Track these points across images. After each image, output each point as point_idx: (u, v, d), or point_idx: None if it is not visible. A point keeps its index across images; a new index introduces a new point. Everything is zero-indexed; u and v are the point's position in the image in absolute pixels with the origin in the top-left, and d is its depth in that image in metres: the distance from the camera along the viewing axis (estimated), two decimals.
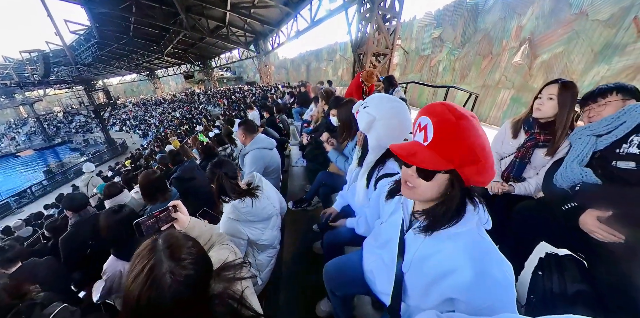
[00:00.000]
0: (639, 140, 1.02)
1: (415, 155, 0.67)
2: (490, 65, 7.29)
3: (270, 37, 16.02)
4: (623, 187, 1.03)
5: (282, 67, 24.17)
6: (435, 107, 0.68)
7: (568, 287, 1.02)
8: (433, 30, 8.82)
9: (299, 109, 6.05)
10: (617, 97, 1.16)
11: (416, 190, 0.72)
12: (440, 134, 0.65)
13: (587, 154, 1.17)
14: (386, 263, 0.91)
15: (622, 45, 4.90)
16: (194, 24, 13.29)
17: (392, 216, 0.90)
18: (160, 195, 1.91)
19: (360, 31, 6.59)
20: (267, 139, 2.53)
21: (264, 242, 1.42)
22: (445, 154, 0.65)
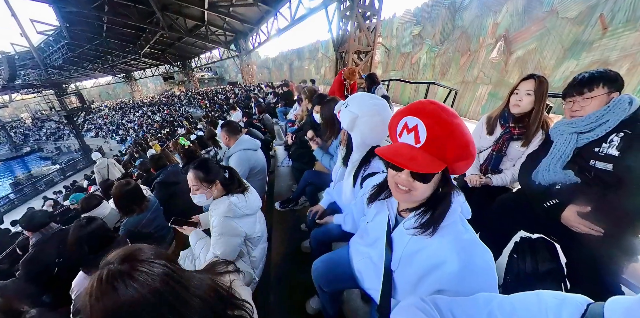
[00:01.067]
0: (618, 141, 1.04)
1: (415, 161, 0.65)
2: (469, 61, 7.49)
3: (251, 36, 15.77)
4: (601, 187, 1.08)
5: (265, 67, 23.89)
6: (426, 107, 0.66)
7: (539, 267, 1.13)
8: (413, 28, 8.96)
9: (283, 108, 5.99)
10: (604, 90, 1.08)
11: (413, 193, 0.70)
12: (435, 134, 0.64)
13: (569, 155, 1.18)
14: (374, 261, 0.92)
15: (589, 42, 5.17)
16: (171, 23, 12.88)
17: (378, 215, 0.91)
18: (137, 207, 1.79)
19: (341, 29, 6.59)
20: (251, 139, 2.48)
21: (257, 234, 1.41)
22: (441, 154, 0.65)
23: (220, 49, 19.41)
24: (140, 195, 1.82)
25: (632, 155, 1.00)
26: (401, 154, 0.67)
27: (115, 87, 39.18)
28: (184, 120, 15.69)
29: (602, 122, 1.08)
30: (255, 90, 13.75)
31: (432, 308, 0.56)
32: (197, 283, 0.65)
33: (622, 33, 4.78)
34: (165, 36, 15.15)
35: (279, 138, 5.16)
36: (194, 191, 1.33)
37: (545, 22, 5.71)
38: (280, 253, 2.00)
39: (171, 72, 29.44)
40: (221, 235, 1.26)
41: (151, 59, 23.23)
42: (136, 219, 1.75)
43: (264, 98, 9.36)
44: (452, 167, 0.68)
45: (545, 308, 0.44)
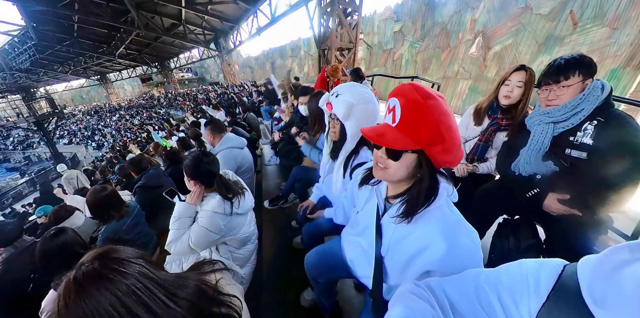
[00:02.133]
0: (592, 129, 1.07)
1: (384, 136, 0.68)
2: (449, 57, 7.66)
3: (231, 35, 15.49)
4: (576, 174, 1.13)
5: (247, 66, 23.54)
6: (404, 88, 0.68)
7: (521, 243, 1.23)
8: (394, 24, 9.06)
9: (268, 107, 5.91)
10: (579, 78, 1.07)
11: (387, 171, 0.73)
12: (407, 114, 0.66)
13: (547, 145, 1.21)
14: (365, 249, 0.93)
15: (561, 37, 5.40)
16: (147, 22, 12.41)
17: (367, 204, 0.92)
18: (115, 213, 1.67)
19: (323, 26, 6.56)
20: (237, 137, 2.40)
21: (243, 234, 1.36)
22: (412, 134, 0.66)
23: (200, 49, 18.94)
24: (118, 200, 1.71)
25: (604, 143, 1.03)
26: (375, 130, 0.71)
27: (89, 90, 37.21)
28: (164, 123, 15.12)
29: (577, 111, 1.10)
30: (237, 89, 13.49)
31: (426, 291, 0.58)
32: (178, 282, 0.62)
33: (590, 29, 5.01)
34: (141, 36, 14.59)
35: (265, 137, 5.08)
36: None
37: (521, 18, 5.91)
38: (271, 252, 1.96)
39: (149, 73, 28.47)
40: (203, 227, 1.23)
41: (127, 60, 22.33)
42: (115, 226, 1.64)
43: (248, 97, 9.20)
44: (431, 153, 0.67)
45: (526, 273, 0.48)
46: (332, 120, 1.26)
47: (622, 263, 0.37)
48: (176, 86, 27.32)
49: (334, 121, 1.25)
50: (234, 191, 1.33)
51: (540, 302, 0.44)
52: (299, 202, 2.51)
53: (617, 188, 1.02)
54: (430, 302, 0.54)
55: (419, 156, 0.69)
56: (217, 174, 1.33)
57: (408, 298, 0.56)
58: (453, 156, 0.68)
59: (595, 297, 0.38)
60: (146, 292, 0.54)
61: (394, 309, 0.54)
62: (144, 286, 0.54)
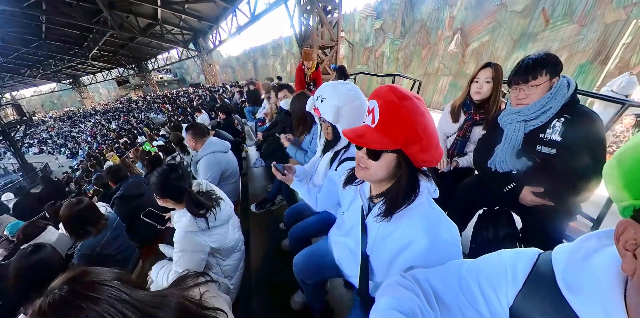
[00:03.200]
0: (559, 126, 1.13)
1: (363, 137, 0.70)
2: (430, 54, 7.80)
3: (210, 35, 15.12)
4: (548, 169, 1.19)
5: (228, 66, 23.11)
6: (382, 90, 0.70)
7: (500, 232, 1.30)
8: (374, 22, 9.12)
9: (251, 108, 5.83)
10: (546, 77, 1.12)
11: (368, 171, 0.75)
12: (385, 115, 0.68)
13: (520, 143, 1.26)
14: (351, 249, 0.95)
15: (534, 34, 5.61)
16: (121, 22, 11.86)
17: (352, 204, 0.93)
18: (93, 227, 1.54)
19: (303, 24, 6.50)
20: (220, 141, 2.33)
21: (228, 245, 1.30)
22: (390, 134, 0.68)
23: (179, 49, 18.37)
24: (96, 213, 1.59)
25: (571, 140, 1.10)
26: (355, 131, 0.73)
27: (61, 95, 35.32)
28: (144, 127, 14.54)
29: (546, 110, 1.15)
30: (220, 90, 13.22)
31: (412, 282, 0.60)
32: (158, 302, 0.59)
33: (560, 25, 5.23)
34: (116, 36, 13.96)
35: (249, 139, 5.00)
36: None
37: (497, 15, 6.09)
38: (260, 256, 1.93)
39: (126, 75, 27.34)
40: (183, 252, 1.14)
41: (102, 62, 21.34)
42: (93, 241, 1.52)
43: (230, 98, 9.01)
44: (409, 153, 0.69)
45: (504, 263, 0.50)
46: (324, 122, 1.27)
47: (592, 251, 0.40)
48: (155, 88, 26.40)
49: (326, 123, 1.25)
50: (206, 205, 1.23)
51: (517, 289, 0.46)
52: (286, 204, 2.48)
53: (584, 180, 1.09)
54: (416, 292, 0.56)
55: (398, 156, 0.71)
56: (186, 190, 1.22)
57: (395, 289, 0.58)
58: (431, 155, 0.70)
59: (568, 283, 0.40)
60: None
61: (381, 300, 0.55)
62: (117, 311, 0.50)
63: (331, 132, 1.27)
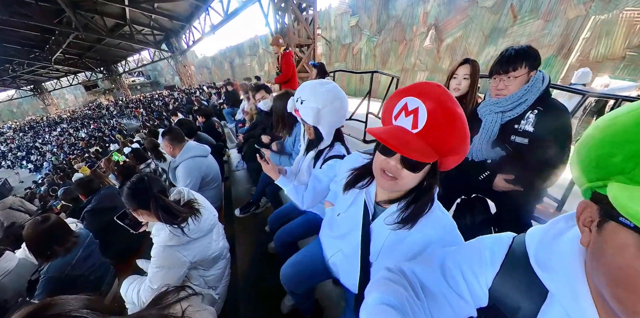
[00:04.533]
0: (533, 118, 1.19)
1: (408, 145, 0.59)
2: (406, 50, 7.92)
3: (183, 35, 14.62)
4: (519, 158, 1.27)
5: (204, 67, 22.47)
6: (432, 89, 0.60)
7: (476, 218, 1.38)
8: (350, 19, 9.15)
9: (230, 109, 5.67)
10: (525, 70, 1.16)
11: (398, 182, 0.66)
12: (436, 122, 0.58)
13: (496, 133, 1.31)
14: (347, 254, 0.90)
15: (504, 29, 5.83)
16: (86, 22, 11.16)
17: (352, 207, 0.85)
18: (60, 247, 1.39)
19: (279, 22, 6.39)
20: (199, 145, 2.22)
21: (212, 254, 1.23)
22: (437, 144, 0.60)
23: (151, 50, 17.63)
24: (65, 231, 1.44)
25: (542, 130, 1.17)
26: (396, 136, 0.61)
27: (21, 102, 32.60)
28: (116, 134, 13.77)
29: (522, 102, 1.20)
30: (197, 92, 12.81)
31: (399, 274, 0.59)
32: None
33: (527, 21, 5.47)
34: (81, 38, 13.12)
35: (230, 141, 4.87)
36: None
37: (468, 11, 6.27)
38: (246, 262, 1.87)
39: (94, 79, 25.96)
40: (160, 268, 1.06)
41: (66, 66, 20.11)
42: (62, 262, 1.38)
43: (207, 100, 8.75)
44: (441, 161, 0.64)
45: (483, 248, 0.53)
46: (305, 123, 1.24)
47: (560, 232, 0.44)
48: (127, 92, 25.23)
49: (307, 124, 1.23)
50: (178, 212, 1.13)
51: (495, 271, 0.49)
52: (271, 206, 2.43)
53: (551, 166, 1.18)
54: (404, 285, 0.56)
55: (433, 165, 0.65)
56: (152, 195, 1.12)
57: (383, 284, 0.57)
58: (456, 164, 0.66)
59: (540, 261, 0.43)
60: None
61: (370, 296, 0.55)
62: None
63: (313, 132, 1.24)
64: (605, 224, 0.33)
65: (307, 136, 1.32)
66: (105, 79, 25.28)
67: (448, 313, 0.54)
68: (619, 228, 0.31)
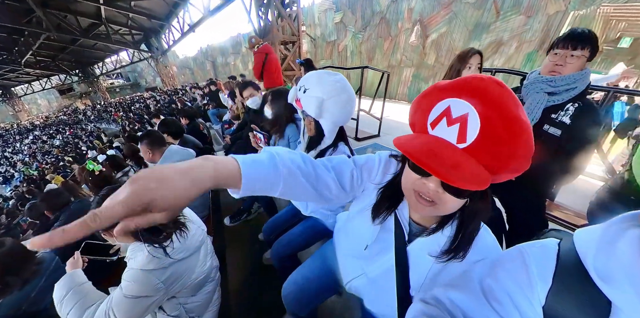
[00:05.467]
0: (572, 110, 1.14)
1: (459, 169, 0.44)
2: (392, 46, 7.88)
3: (163, 34, 14.13)
4: (544, 151, 1.18)
5: (186, 67, 21.86)
6: (489, 87, 0.44)
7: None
8: (334, 15, 9.02)
9: (215, 110, 5.47)
10: (588, 53, 1.10)
11: (439, 207, 0.53)
12: (494, 134, 0.43)
13: (538, 116, 1.20)
14: (372, 279, 0.75)
15: (488, 24, 5.86)
16: (59, 22, 10.54)
17: (382, 232, 0.69)
18: (16, 278, 1.15)
19: (262, 19, 6.21)
20: (182, 149, 2.02)
21: (195, 281, 1.05)
22: (492, 163, 0.46)
23: (130, 51, 16.95)
24: (22, 258, 1.19)
25: (578, 124, 1.13)
26: (438, 155, 0.45)
27: None
28: (94, 140, 13.03)
29: (572, 88, 1.13)
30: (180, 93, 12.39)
31: (437, 306, 0.51)
32: None
33: (510, 16, 5.52)
34: (54, 39, 12.39)
35: (217, 143, 4.67)
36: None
37: (452, 6, 6.27)
38: (240, 278, 1.73)
39: (69, 82, 24.73)
40: (130, 296, 0.88)
41: (38, 69, 19.02)
42: (17, 297, 1.13)
43: (191, 101, 8.44)
44: (495, 179, 0.50)
45: (528, 260, 0.44)
46: (306, 117, 1.12)
47: (615, 236, 0.37)
48: (105, 95, 24.19)
49: (308, 117, 1.11)
50: (164, 229, 0.96)
51: (547, 286, 0.41)
52: (264, 212, 2.30)
53: (579, 163, 1.16)
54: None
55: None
56: None
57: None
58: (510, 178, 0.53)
59: (601, 272, 0.36)
60: None
61: None
62: None
63: (314, 128, 1.13)
64: None
65: (307, 133, 1.19)
66: (81, 82, 24.13)
67: None
68: None
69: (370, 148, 3.55)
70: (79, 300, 0.95)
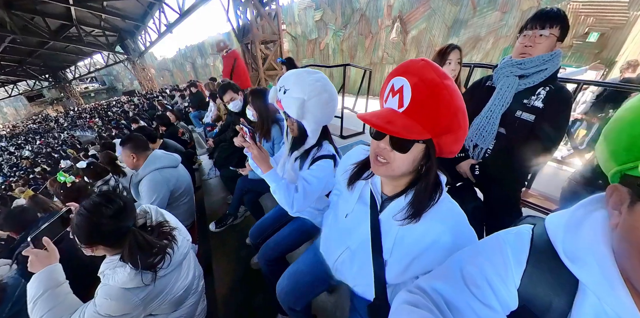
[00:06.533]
0: (544, 94, 1.14)
1: (393, 123, 0.57)
2: (373, 43, 7.93)
3: (139, 35, 13.65)
4: (517, 138, 1.21)
5: (165, 69, 21.21)
6: (415, 65, 0.58)
7: (466, 206, 1.26)
8: (314, 13, 8.98)
9: (197, 112, 5.34)
10: (557, 32, 1.08)
11: (390, 166, 0.64)
12: (422, 97, 0.56)
13: (509, 101, 1.19)
14: (354, 250, 0.83)
15: (465, 20, 5.99)
16: (25, 24, 9.90)
17: (358, 203, 0.81)
18: None
19: (241, 18, 6.08)
20: (167, 154, 1.90)
21: (177, 294, 0.99)
22: (426, 121, 0.57)
23: (104, 53, 16.26)
24: None
25: (550, 108, 1.13)
26: (380, 116, 0.60)
27: None
28: (68, 149, 12.22)
29: (542, 69, 1.12)
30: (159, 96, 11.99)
31: (421, 295, 0.55)
32: None
33: (486, 12, 5.65)
34: (20, 42, 11.70)
35: (200, 147, 4.55)
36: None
37: (430, 3, 6.37)
38: (227, 285, 1.68)
39: (38, 88, 23.49)
40: (104, 316, 0.82)
41: (3, 75, 17.94)
42: None
43: (172, 104, 8.18)
44: (439, 143, 0.61)
45: (504, 246, 0.48)
46: (288, 118, 1.09)
47: (581, 219, 0.41)
48: (79, 101, 23.12)
49: (290, 119, 1.09)
50: (158, 247, 0.90)
51: (522, 269, 0.45)
52: (250, 215, 2.24)
53: (551, 147, 1.17)
54: (429, 307, 0.52)
55: (427, 146, 0.62)
56: (129, 229, 0.87)
57: (406, 312, 0.53)
58: (460, 145, 0.63)
59: (569, 253, 0.40)
60: None
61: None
62: None
63: (296, 129, 1.11)
64: (635, 206, 0.33)
65: (290, 133, 1.17)
66: (52, 88, 22.97)
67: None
68: None
69: (355, 145, 3.53)
70: (53, 308, 0.89)
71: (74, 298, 0.96)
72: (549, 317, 0.43)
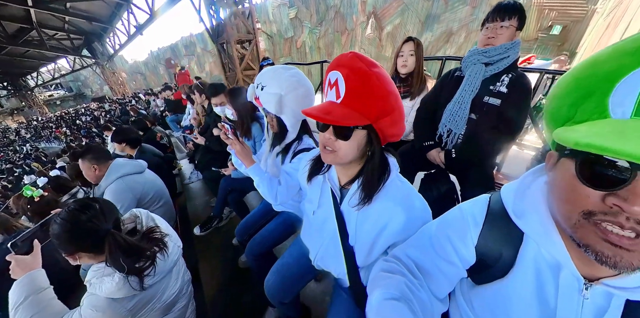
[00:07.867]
0: (507, 80, 1.25)
1: (331, 114, 0.62)
2: (349, 40, 7.99)
3: (107, 38, 13.02)
4: (486, 122, 1.31)
5: (137, 72, 20.37)
6: (344, 57, 0.63)
7: (441, 189, 1.44)
8: (288, 11, 8.92)
9: (174, 116, 5.15)
10: (515, 23, 1.19)
11: (337, 154, 0.68)
12: (354, 86, 0.61)
13: (478, 86, 1.29)
14: (327, 243, 0.88)
15: (438, 15, 6.15)
16: None
17: (322, 198, 0.86)
18: None
19: (214, 18, 5.93)
20: (128, 161, 1.77)
21: (167, 301, 0.95)
22: (362, 108, 0.62)
23: (69, 58, 15.37)
24: None
25: (514, 93, 1.24)
26: (319, 109, 0.65)
27: None
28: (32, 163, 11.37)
29: (505, 57, 1.23)
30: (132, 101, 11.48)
31: (395, 262, 0.62)
32: None
33: (457, 7, 5.83)
34: None
35: (179, 151, 4.41)
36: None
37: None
38: (215, 286, 1.65)
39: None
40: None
41: None
42: None
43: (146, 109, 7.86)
44: (379, 127, 0.65)
45: (465, 214, 0.58)
46: (267, 114, 1.12)
47: (529, 183, 0.51)
48: (43, 110, 21.79)
49: (270, 114, 1.11)
50: (145, 252, 0.87)
51: (478, 230, 0.54)
52: (235, 215, 2.20)
53: (517, 129, 1.28)
54: (402, 272, 0.59)
55: (368, 132, 0.66)
56: (108, 231, 0.83)
57: (382, 278, 0.59)
58: (399, 127, 0.67)
59: (517, 211, 0.50)
60: None
61: (373, 294, 0.56)
62: None
63: (276, 125, 1.13)
64: (558, 162, 0.41)
65: (271, 129, 1.19)
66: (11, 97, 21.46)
67: (443, 283, 0.60)
68: (564, 160, 0.39)
69: None
70: (35, 314, 0.85)
71: (58, 304, 0.92)
72: (499, 265, 0.52)
